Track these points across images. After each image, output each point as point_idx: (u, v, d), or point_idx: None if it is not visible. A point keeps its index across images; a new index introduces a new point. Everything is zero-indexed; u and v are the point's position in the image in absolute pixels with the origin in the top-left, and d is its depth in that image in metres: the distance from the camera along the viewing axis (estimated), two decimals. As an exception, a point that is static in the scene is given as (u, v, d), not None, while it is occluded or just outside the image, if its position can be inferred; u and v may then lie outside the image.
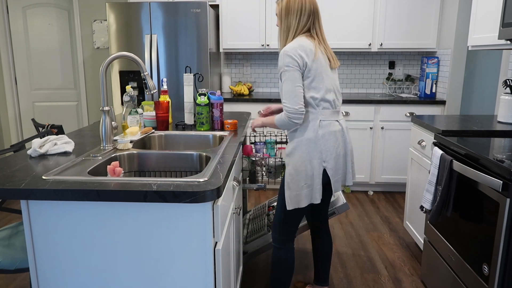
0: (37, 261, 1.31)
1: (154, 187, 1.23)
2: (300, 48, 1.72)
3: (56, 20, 4.47)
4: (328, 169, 1.80)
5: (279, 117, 1.78)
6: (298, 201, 1.80)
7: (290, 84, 1.71)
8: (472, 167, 1.76)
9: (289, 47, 1.73)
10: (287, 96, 1.72)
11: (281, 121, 1.77)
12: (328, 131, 1.79)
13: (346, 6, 3.83)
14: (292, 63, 1.71)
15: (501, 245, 1.55)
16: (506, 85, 2.35)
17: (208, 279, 1.30)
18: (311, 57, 1.74)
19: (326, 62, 1.80)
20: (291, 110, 1.71)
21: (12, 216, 3.32)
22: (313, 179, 1.78)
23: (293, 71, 1.71)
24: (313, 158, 1.77)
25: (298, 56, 1.71)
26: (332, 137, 1.80)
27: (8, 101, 4.59)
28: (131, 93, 2.22)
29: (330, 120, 1.81)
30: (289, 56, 1.71)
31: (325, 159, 1.79)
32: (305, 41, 1.75)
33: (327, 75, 1.79)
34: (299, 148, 1.78)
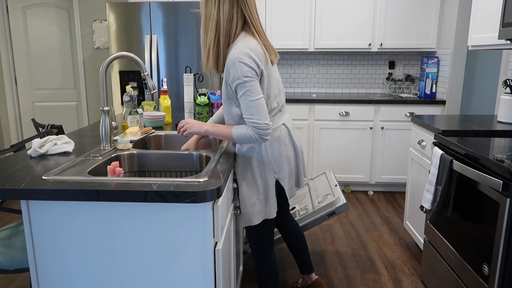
0: (37, 261, 1.31)
1: (154, 187, 1.23)
2: (253, 53, 1.49)
3: (56, 20, 4.47)
4: (281, 179, 1.69)
5: (242, 132, 1.52)
6: (250, 218, 1.67)
7: (253, 96, 1.48)
8: (472, 167, 1.76)
9: (242, 52, 1.47)
10: (252, 110, 1.47)
11: (245, 137, 1.52)
12: (276, 140, 1.65)
13: (346, 6, 3.83)
14: (251, 72, 1.47)
15: (501, 245, 1.55)
16: (506, 85, 2.35)
17: (208, 279, 1.30)
18: (263, 62, 1.53)
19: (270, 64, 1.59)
20: (262, 126, 1.48)
21: (12, 216, 3.32)
22: (265, 192, 1.67)
23: (253, 81, 1.48)
24: (264, 171, 1.64)
25: (254, 63, 1.48)
26: (281, 145, 1.67)
27: (8, 101, 4.59)
28: (131, 93, 2.22)
29: (276, 126, 1.66)
30: (246, 65, 1.46)
31: (276, 170, 1.66)
32: (252, 42, 1.51)
33: (273, 78, 1.63)
34: (249, 164, 1.64)
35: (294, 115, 3.77)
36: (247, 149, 1.65)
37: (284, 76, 4.36)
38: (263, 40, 1.58)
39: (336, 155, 3.84)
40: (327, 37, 3.89)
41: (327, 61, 4.29)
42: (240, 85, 1.48)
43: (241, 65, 1.46)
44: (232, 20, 1.52)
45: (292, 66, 4.33)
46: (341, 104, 3.72)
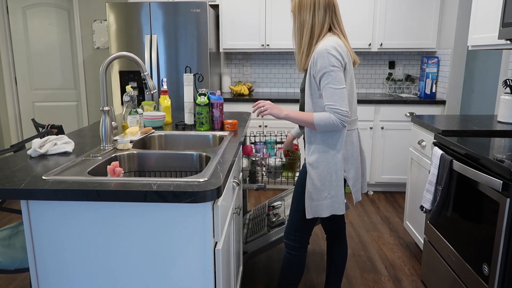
0: (37, 261, 1.31)
1: (154, 187, 1.23)
2: (340, 48, 1.62)
3: (56, 20, 4.47)
4: (348, 179, 1.76)
5: (324, 116, 1.62)
6: (318, 211, 1.74)
7: (337, 85, 1.59)
8: (472, 167, 1.76)
9: (330, 46, 1.61)
10: (336, 98, 1.59)
11: (327, 121, 1.62)
12: (351, 140, 1.74)
13: (346, 6, 3.83)
14: (337, 63, 1.60)
15: (501, 245, 1.55)
16: (506, 85, 2.35)
17: (208, 279, 1.30)
18: (347, 59, 1.65)
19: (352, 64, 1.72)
20: (343, 112, 1.59)
21: (12, 216, 3.32)
22: (337, 189, 1.72)
23: (339, 72, 1.60)
24: (339, 168, 1.70)
25: (340, 56, 1.61)
26: (354, 147, 1.75)
27: (8, 101, 4.59)
28: (131, 93, 2.22)
29: (353, 128, 1.75)
30: (333, 56, 1.59)
31: (345, 168, 1.74)
32: (337, 40, 1.65)
33: (352, 79, 1.72)
34: (324, 157, 1.70)
35: (294, 115, 3.76)
36: (329, 146, 1.69)
37: (284, 76, 4.36)
38: (347, 42, 1.71)
39: (336, 155, 3.83)
40: (327, 37, 3.89)
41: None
42: (327, 74, 1.60)
43: (329, 56, 1.59)
44: (324, 25, 1.68)
45: (292, 66, 4.33)
46: (341, 104, 3.71)
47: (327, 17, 1.68)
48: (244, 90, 4.06)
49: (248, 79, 4.41)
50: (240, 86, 4.07)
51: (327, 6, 1.67)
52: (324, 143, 1.70)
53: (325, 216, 1.74)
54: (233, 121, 2.20)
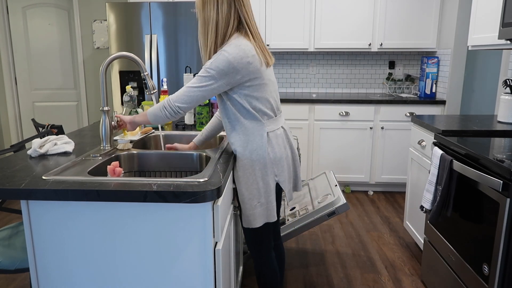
0: (37, 261, 1.31)
1: (154, 187, 1.23)
2: (244, 56, 1.48)
3: (56, 20, 4.47)
4: (281, 182, 1.67)
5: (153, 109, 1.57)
6: (251, 220, 1.65)
7: (198, 87, 1.49)
8: (472, 167, 1.76)
9: (233, 53, 1.46)
10: (185, 90, 1.51)
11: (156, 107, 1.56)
12: (276, 141, 1.63)
13: (346, 6, 3.83)
14: (223, 71, 1.46)
15: (501, 245, 1.55)
16: (506, 85, 2.35)
17: (208, 279, 1.30)
18: (253, 64, 1.50)
19: (264, 64, 1.57)
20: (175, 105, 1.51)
21: (12, 216, 3.32)
22: (266, 196, 1.64)
23: (214, 81, 1.48)
24: (266, 174, 1.62)
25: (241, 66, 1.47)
26: (281, 147, 1.65)
27: (8, 101, 4.59)
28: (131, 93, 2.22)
29: (276, 128, 1.64)
30: (228, 64, 1.46)
31: (277, 173, 1.64)
32: (245, 44, 1.50)
33: (269, 80, 1.60)
34: (249, 165, 1.61)
35: (294, 115, 3.77)
36: (250, 152, 1.61)
37: (284, 76, 4.36)
38: (258, 42, 1.57)
39: (336, 155, 3.84)
40: (327, 37, 3.89)
41: (327, 61, 4.29)
42: (204, 69, 1.49)
43: (225, 62, 1.46)
44: (229, 21, 1.53)
45: (292, 66, 4.33)
46: (341, 104, 3.72)
47: (232, 12, 1.52)
48: (244, 90, 4.05)
49: (248, 79, 4.40)
50: (240, 86, 4.07)
51: (232, 1, 1.51)
52: (246, 151, 1.61)
53: (258, 225, 1.66)
54: (233, 121, 2.19)
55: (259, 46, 1.56)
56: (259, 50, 1.55)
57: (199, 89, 1.50)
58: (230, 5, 1.51)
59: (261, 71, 1.55)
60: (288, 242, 2.90)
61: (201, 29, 1.57)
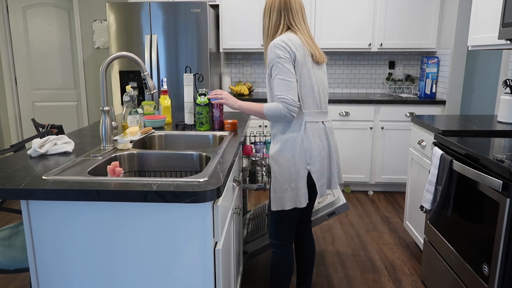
0: (37, 261, 1.31)
1: (154, 187, 1.23)
2: (288, 41, 1.68)
3: (56, 20, 4.47)
4: (312, 172, 1.75)
5: (272, 107, 1.69)
6: (281, 203, 1.76)
7: (284, 76, 1.66)
8: (472, 167, 1.76)
9: (278, 40, 1.69)
10: (282, 88, 1.66)
11: (275, 111, 1.68)
12: (313, 132, 1.74)
13: (346, 6, 3.83)
14: (284, 54, 1.67)
15: (501, 245, 1.55)
16: (506, 85, 2.35)
17: (208, 279, 1.30)
18: (299, 51, 1.69)
19: (311, 58, 1.75)
20: (289, 101, 1.65)
21: (12, 216, 3.32)
22: (297, 182, 1.73)
23: (286, 63, 1.67)
24: (298, 160, 1.72)
25: (288, 48, 1.67)
26: (317, 139, 1.75)
27: (8, 101, 4.59)
28: (131, 93, 2.22)
29: (315, 121, 1.76)
30: (280, 48, 1.67)
31: (309, 162, 1.73)
32: (290, 35, 1.72)
33: (313, 72, 1.75)
34: (284, 149, 1.73)
35: (294, 115, 3.76)
36: (286, 137, 1.73)
37: (284, 76, 4.35)
38: (305, 38, 1.76)
39: (336, 155, 3.83)
40: (327, 37, 3.89)
41: (327, 61, 4.28)
42: (275, 65, 1.68)
43: (275, 48, 1.67)
44: (279, 26, 1.78)
45: (292, 66, 4.32)
46: (341, 104, 3.72)
47: (281, 19, 1.77)
48: (244, 90, 4.06)
49: (248, 79, 4.41)
50: (240, 86, 4.07)
51: (282, 9, 1.76)
52: (283, 136, 1.74)
53: (287, 208, 1.76)
54: (233, 121, 2.20)
55: (306, 40, 1.76)
56: (311, 44, 1.76)
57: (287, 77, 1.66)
58: (279, 14, 1.77)
59: (307, 61, 1.72)
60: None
61: (263, 35, 1.86)
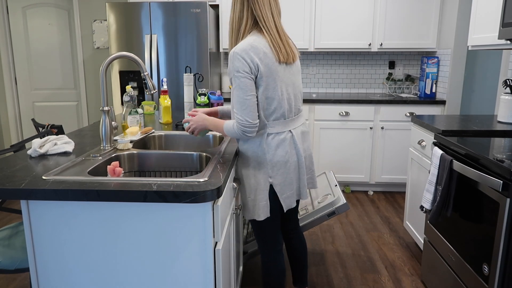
0: (37, 261, 1.31)
1: (154, 187, 1.23)
2: (252, 50, 1.51)
3: (56, 20, 4.47)
4: (275, 185, 1.66)
5: (229, 126, 1.59)
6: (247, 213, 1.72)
7: (241, 93, 1.52)
8: (472, 167, 1.76)
9: (240, 48, 1.52)
10: (238, 106, 1.53)
11: (231, 131, 1.58)
12: (276, 144, 1.63)
13: (346, 6, 3.83)
14: (243, 69, 1.51)
15: (501, 245, 1.55)
16: (506, 85, 2.35)
17: (208, 279, 1.30)
18: (264, 61, 1.53)
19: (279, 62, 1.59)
20: (244, 122, 1.53)
21: (12, 216, 3.32)
22: (256, 194, 1.66)
23: (244, 78, 1.51)
24: (258, 173, 1.64)
25: (249, 60, 1.51)
26: (281, 150, 1.64)
27: (8, 101, 4.59)
28: (131, 93, 2.22)
29: (280, 131, 1.64)
30: (239, 59, 1.50)
31: (271, 174, 1.64)
32: (256, 40, 1.54)
33: (282, 79, 1.60)
34: (246, 160, 1.66)
35: (294, 115, 3.77)
36: (247, 148, 1.67)
37: (284, 76, 4.36)
38: (274, 38, 1.59)
39: (336, 155, 3.84)
40: (327, 37, 3.89)
41: (327, 61, 4.29)
42: (233, 78, 1.55)
43: (236, 60, 1.52)
44: (242, 19, 1.60)
45: (292, 66, 4.32)
46: (341, 104, 3.72)
47: (245, 10, 1.58)
48: (244, 90, 4.05)
49: (248, 79, 4.40)
50: (240, 86, 4.07)
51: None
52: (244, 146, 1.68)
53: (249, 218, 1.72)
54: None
55: (275, 42, 1.58)
56: (273, 46, 1.57)
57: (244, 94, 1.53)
58: (242, 4, 1.58)
59: (273, 70, 1.57)
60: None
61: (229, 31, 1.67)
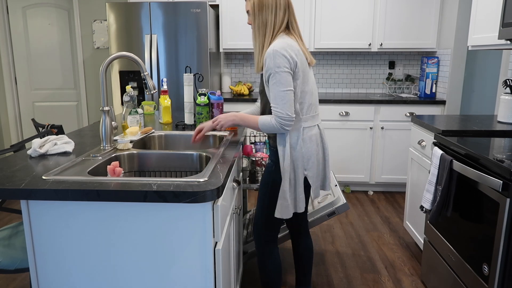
0: (37, 261, 1.31)
1: (154, 187, 1.23)
2: (290, 48, 1.62)
3: (56, 20, 4.47)
4: (309, 177, 1.75)
5: (266, 121, 1.65)
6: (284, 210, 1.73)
7: (281, 87, 1.60)
8: (472, 167, 1.76)
9: (279, 46, 1.60)
10: (278, 100, 1.60)
11: (269, 125, 1.64)
12: (310, 137, 1.72)
13: (346, 6, 3.83)
14: (284, 65, 1.59)
15: (501, 245, 1.55)
16: (506, 85, 2.35)
17: (208, 279, 1.30)
18: (299, 58, 1.65)
19: (306, 62, 1.71)
20: (283, 116, 1.60)
21: (12, 216, 3.32)
22: (296, 188, 1.73)
23: (285, 73, 1.59)
24: (296, 167, 1.70)
25: (290, 57, 1.60)
26: (313, 144, 1.73)
27: (8, 101, 4.58)
28: (131, 93, 2.22)
29: (312, 125, 1.74)
30: (281, 56, 1.59)
31: (306, 167, 1.73)
32: (290, 40, 1.66)
33: (310, 77, 1.73)
34: (285, 157, 1.69)
35: (294, 115, 3.76)
36: (284, 143, 1.69)
37: (284, 76, 4.36)
38: (301, 41, 1.72)
39: (336, 155, 3.84)
40: (327, 37, 3.89)
41: (327, 61, 4.29)
42: (273, 74, 1.60)
43: (277, 56, 1.59)
44: (282, 25, 1.69)
45: (292, 66, 4.32)
46: (341, 104, 3.72)
47: (285, 17, 1.69)
48: (244, 90, 4.05)
49: (248, 79, 4.41)
50: (240, 86, 4.07)
51: (287, 6, 1.69)
52: (282, 142, 1.70)
53: (288, 217, 1.75)
54: (233, 121, 2.19)
55: (302, 44, 1.72)
56: (303, 48, 1.71)
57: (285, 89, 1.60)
58: (285, 11, 1.69)
59: (304, 65, 1.68)
60: (288, 242, 2.90)
61: (258, 31, 1.70)
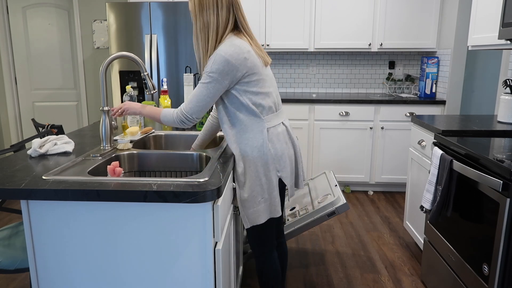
0: (37, 261, 1.31)
1: (154, 187, 1.23)
2: (239, 51, 1.52)
3: (56, 20, 4.47)
4: (283, 178, 1.68)
5: (168, 113, 1.61)
6: (256, 218, 1.66)
7: (206, 92, 1.53)
8: (472, 167, 1.76)
9: (226, 51, 1.50)
10: (194, 100, 1.54)
11: (170, 117, 1.60)
12: (276, 136, 1.64)
13: (346, 6, 3.83)
14: (223, 72, 1.50)
15: (501, 245, 1.55)
16: (506, 85, 2.35)
17: (208, 279, 1.30)
18: (251, 60, 1.55)
19: (261, 62, 1.62)
20: (189, 116, 1.56)
21: (12, 216, 3.32)
22: (270, 191, 1.65)
23: (217, 83, 1.51)
24: (268, 170, 1.63)
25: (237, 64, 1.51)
26: (282, 142, 1.66)
27: (8, 101, 4.59)
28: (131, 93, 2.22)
29: (276, 124, 1.66)
30: (224, 63, 1.50)
31: (278, 168, 1.66)
32: (239, 42, 1.55)
33: (267, 76, 1.65)
34: (252, 164, 1.61)
35: (294, 115, 3.77)
36: (251, 149, 1.61)
37: (284, 76, 4.36)
38: (254, 41, 1.63)
39: (336, 155, 3.84)
40: (327, 37, 3.89)
41: (327, 61, 4.29)
42: (207, 77, 1.52)
43: (219, 62, 1.50)
44: (228, 25, 1.59)
45: (292, 66, 4.33)
46: (341, 104, 3.72)
47: (230, 16, 1.59)
48: (244, 90, 4.05)
49: (248, 79, 4.40)
50: (240, 86, 4.07)
51: (230, 4, 1.58)
52: (245, 148, 1.61)
53: (262, 221, 1.67)
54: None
55: (255, 45, 1.63)
56: (256, 48, 1.61)
57: (207, 95, 1.54)
58: (229, 10, 1.58)
59: (259, 67, 1.60)
60: (288, 242, 2.90)
61: (200, 33, 1.59)
